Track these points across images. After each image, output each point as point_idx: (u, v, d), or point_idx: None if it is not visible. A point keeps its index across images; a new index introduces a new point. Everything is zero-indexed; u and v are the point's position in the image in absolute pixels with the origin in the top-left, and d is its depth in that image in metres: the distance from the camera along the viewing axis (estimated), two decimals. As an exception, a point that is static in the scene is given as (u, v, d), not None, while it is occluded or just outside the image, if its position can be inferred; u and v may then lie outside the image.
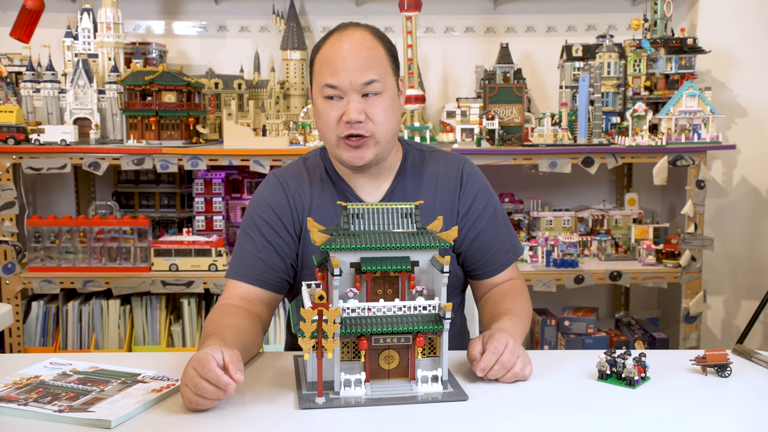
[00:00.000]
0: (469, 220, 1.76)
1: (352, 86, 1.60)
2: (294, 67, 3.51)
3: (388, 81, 1.65)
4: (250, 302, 1.66)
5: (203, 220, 3.32)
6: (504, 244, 1.80)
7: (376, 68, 1.62)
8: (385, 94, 1.63)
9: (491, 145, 3.10)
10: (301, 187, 1.74)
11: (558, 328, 3.37)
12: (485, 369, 1.42)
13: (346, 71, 1.60)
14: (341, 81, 1.60)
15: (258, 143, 3.13)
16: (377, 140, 1.64)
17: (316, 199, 1.73)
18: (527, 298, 1.76)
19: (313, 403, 1.32)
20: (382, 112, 1.63)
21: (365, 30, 1.66)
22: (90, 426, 1.26)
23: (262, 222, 1.71)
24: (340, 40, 1.63)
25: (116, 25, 3.24)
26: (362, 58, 1.61)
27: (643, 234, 3.32)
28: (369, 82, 1.61)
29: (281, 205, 1.72)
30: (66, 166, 3.05)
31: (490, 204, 1.79)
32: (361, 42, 1.63)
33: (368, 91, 1.61)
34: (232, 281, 1.69)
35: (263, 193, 1.75)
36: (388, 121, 1.64)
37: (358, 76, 1.60)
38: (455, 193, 1.76)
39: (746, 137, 3.56)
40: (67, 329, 3.21)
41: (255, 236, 1.70)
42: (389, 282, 1.39)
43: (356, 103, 1.61)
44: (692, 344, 3.24)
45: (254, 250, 1.69)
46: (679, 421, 1.30)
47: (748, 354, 1.61)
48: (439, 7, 3.55)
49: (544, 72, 3.64)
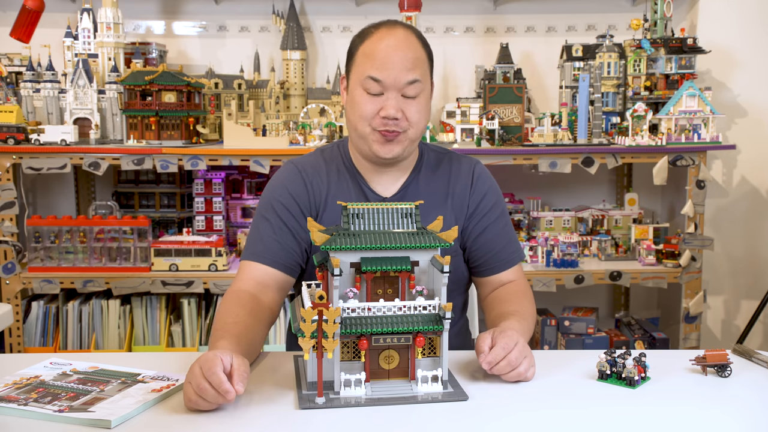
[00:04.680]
0: (478, 215, 1.80)
1: (395, 84, 1.65)
2: (294, 67, 3.51)
3: (426, 82, 1.71)
4: (265, 286, 1.67)
5: (203, 220, 3.32)
6: (510, 244, 1.84)
7: (418, 69, 1.67)
8: (422, 95, 1.69)
9: (491, 145, 3.10)
10: (318, 176, 1.77)
11: (558, 328, 3.37)
12: (492, 363, 1.43)
13: (393, 68, 1.64)
14: (386, 77, 1.64)
15: (258, 143, 3.13)
16: (408, 136, 1.69)
17: (333, 188, 1.76)
18: (532, 303, 1.77)
19: (313, 403, 1.32)
20: (417, 113, 1.68)
21: (409, 30, 1.71)
22: (90, 426, 1.26)
23: (279, 206, 1.73)
24: (388, 37, 1.67)
25: (116, 25, 3.24)
26: (408, 58, 1.65)
27: (643, 234, 3.32)
28: (412, 82, 1.65)
29: (299, 191, 1.75)
30: (66, 166, 3.05)
31: (498, 204, 1.84)
32: (407, 42, 1.68)
33: (408, 92, 1.66)
34: (248, 263, 1.70)
35: (281, 179, 1.78)
36: (421, 121, 1.70)
37: (403, 75, 1.64)
38: (466, 191, 1.81)
39: (746, 137, 3.56)
40: (67, 329, 3.21)
41: (272, 219, 1.73)
42: (389, 282, 1.39)
43: (395, 100, 1.65)
44: (692, 344, 3.24)
45: (271, 233, 1.71)
46: (679, 421, 1.30)
47: (748, 354, 1.61)
48: (439, 7, 3.55)
49: (544, 72, 3.64)
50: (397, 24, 1.72)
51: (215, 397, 1.28)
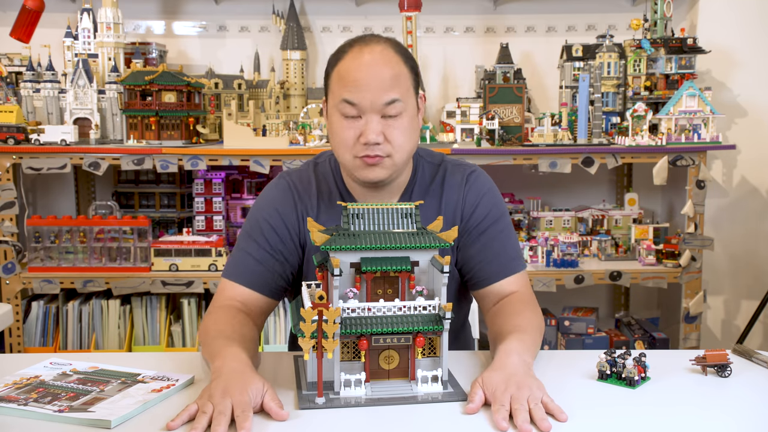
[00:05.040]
0: (470, 228, 1.70)
1: (372, 106, 1.53)
2: (294, 67, 3.51)
3: (408, 100, 1.59)
4: (247, 306, 1.62)
5: (203, 220, 3.32)
6: (507, 253, 1.69)
7: (398, 88, 1.55)
8: (404, 114, 1.57)
9: (491, 145, 3.10)
10: (309, 197, 1.69)
11: (558, 328, 3.37)
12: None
13: (368, 90, 1.52)
14: (361, 99, 1.53)
15: (258, 143, 3.13)
16: (394, 161, 1.58)
17: (322, 214, 1.68)
18: (536, 312, 1.62)
19: (313, 403, 1.32)
20: (400, 135, 1.56)
21: (387, 44, 1.58)
22: (90, 426, 1.26)
23: (267, 226, 1.66)
24: (361, 55, 1.55)
25: (116, 25, 3.24)
26: (385, 76, 1.53)
27: (643, 234, 3.32)
28: (390, 102, 1.54)
29: (288, 212, 1.67)
30: (66, 166, 3.05)
31: (493, 214, 1.71)
32: (384, 58, 1.55)
33: (389, 112, 1.55)
34: (230, 283, 1.64)
35: (271, 196, 1.70)
36: (406, 143, 1.59)
37: (380, 95, 1.53)
38: (458, 205, 1.70)
39: (746, 137, 3.56)
40: (67, 329, 3.21)
41: (258, 240, 1.65)
42: (389, 282, 1.39)
43: (375, 123, 1.54)
44: (692, 344, 3.24)
45: (255, 254, 1.64)
46: (679, 421, 1.30)
47: (748, 354, 1.61)
48: (439, 7, 3.55)
49: (544, 72, 3.64)
50: (373, 39, 1.58)
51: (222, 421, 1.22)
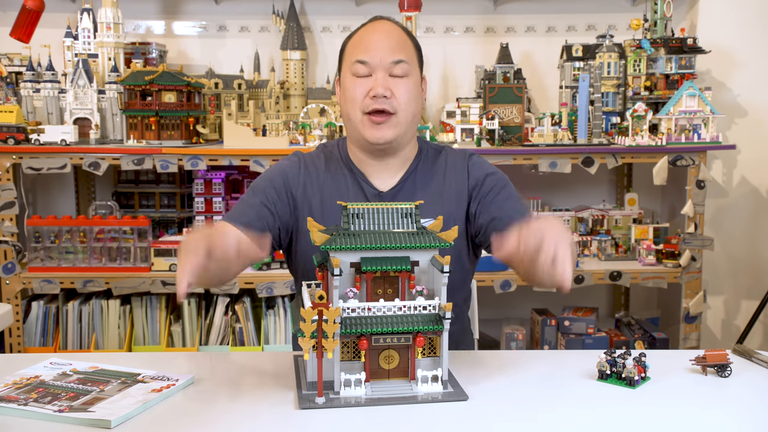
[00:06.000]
0: (479, 197, 1.77)
1: (381, 63, 1.70)
2: (294, 67, 3.51)
3: (413, 67, 1.75)
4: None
5: (203, 220, 3.31)
6: (523, 209, 1.77)
7: (405, 51, 1.73)
8: (410, 77, 1.73)
9: (491, 145, 3.10)
10: (316, 168, 1.81)
11: (558, 328, 3.37)
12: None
13: (378, 49, 1.71)
14: (371, 57, 1.70)
15: (258, 143, 3.13)
16: (399, 120, 1.71)
17: (329, 177, 1.79)
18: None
19: (313, 403, 1.32)
20: (406, 93, 1.71)
21: (396, 24, 1.79)
22: (90, 426, 1.26)
23: (268, 184, 1.78)
24: (373, 27, 1.76)
25: (116, 25, 3.24)
26: (393, 39, 1.73)
27: (643, 234, 3.32)
28: (397, 62, 1.71)
29: (293, 176, 1.79)
30: (66, 166, 3.05)
31: (499, 185, 1.79)
32: (393, 29, 1.76)
33: (395, 72, 1.71)
34: (223, 223, 1.73)
35: (282, 165, 1.84)
36: (411, 104, 1.73)
37: (388, 54, 1.70)
38: (463, 180, 1.80)
39: (746, 137, 3.56)
40: (67, 329, 3.21)
41: (260, 196, 1.76)
42: (389, 282, 1.39)
43: (383, 79, 1.70)
44: (692, 344, 3.24)
45: (251, 201, 1.76)
46: (679, 421, 1.30)
47: (748, 354, 1.61)
48: (439, 7, 3.55)
49: (544, 72, 3.64)
50: (384, 18, 1.80)
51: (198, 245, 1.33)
